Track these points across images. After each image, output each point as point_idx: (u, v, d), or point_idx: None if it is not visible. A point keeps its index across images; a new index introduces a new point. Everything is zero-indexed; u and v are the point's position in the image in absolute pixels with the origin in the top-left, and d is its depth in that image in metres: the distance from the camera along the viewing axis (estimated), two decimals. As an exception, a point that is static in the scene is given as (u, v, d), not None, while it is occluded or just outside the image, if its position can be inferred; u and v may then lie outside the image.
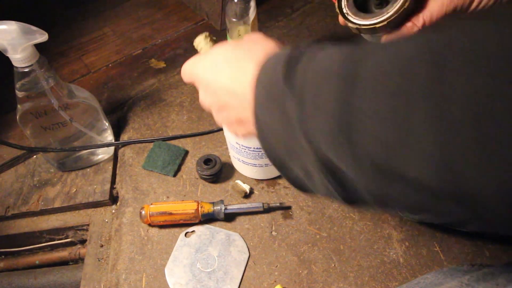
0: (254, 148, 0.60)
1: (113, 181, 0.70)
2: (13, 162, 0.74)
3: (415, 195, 0.24)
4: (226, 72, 0.37)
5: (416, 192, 0.23)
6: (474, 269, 0.46)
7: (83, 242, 0.71)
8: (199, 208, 0.61)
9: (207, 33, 0.48)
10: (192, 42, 0.49)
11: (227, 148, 0.69)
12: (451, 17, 0.42)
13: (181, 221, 0.62)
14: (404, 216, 0.61)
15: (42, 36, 0.53)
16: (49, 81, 0.58)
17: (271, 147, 0.33)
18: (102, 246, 0.64)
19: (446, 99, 0.20)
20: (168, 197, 0.67)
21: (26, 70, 0.55)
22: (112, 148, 0.73)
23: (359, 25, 0.44)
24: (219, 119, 0.40)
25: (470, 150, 0.20)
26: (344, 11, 0.45)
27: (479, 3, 0.42)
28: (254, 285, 0.57)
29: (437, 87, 0.21)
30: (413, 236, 0.61)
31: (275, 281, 0.57)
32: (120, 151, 0.74)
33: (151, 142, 0.74)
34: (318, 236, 0.62)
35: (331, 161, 0.27)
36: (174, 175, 0.70)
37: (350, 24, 0.45)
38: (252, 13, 0.68)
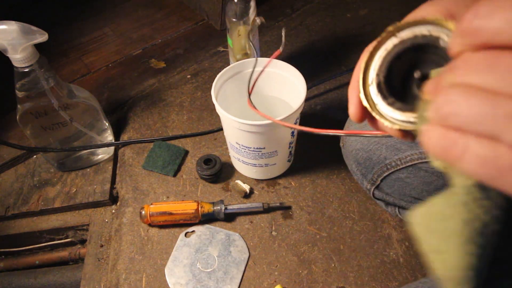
0: (254, 148, 0.60)
1: (113, 181, 0.70)
2: (13, 162, 0.74)
3: None
4: None
5: None
6: None
7: (83, 242, 0.71)
8: (199, 208, 0.61)
9: None
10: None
11: (227, 148, 0.69)
12: None
13: (181, 221, 0.62)
14: (404, 218, 0.61)
15: (42, 36, 0.53)
16: (49, 81, 0.58)
17: None
18: (102, 246, 0.64)
19: None
20: (168, 197, 0.67)
21: (26, 70, 0.55)
22: (112, 148, 0.73)
23: (401, 121, 0.27)
24: None
25: None
26: (374, 97, 0.28)
27: None
28: (254, 285, 0.57)
29: None
30: (413, 236, 0.61)
31: (275, 281, 0.57)
32: (120, 151, 0.75)
33: (151, 142, 0.74)
34: (318, 236, 0.62)
35: None
36: (174, 175, 0.70)
37: (385, 122, 0.28)
38: (252, 13, 0.68)
